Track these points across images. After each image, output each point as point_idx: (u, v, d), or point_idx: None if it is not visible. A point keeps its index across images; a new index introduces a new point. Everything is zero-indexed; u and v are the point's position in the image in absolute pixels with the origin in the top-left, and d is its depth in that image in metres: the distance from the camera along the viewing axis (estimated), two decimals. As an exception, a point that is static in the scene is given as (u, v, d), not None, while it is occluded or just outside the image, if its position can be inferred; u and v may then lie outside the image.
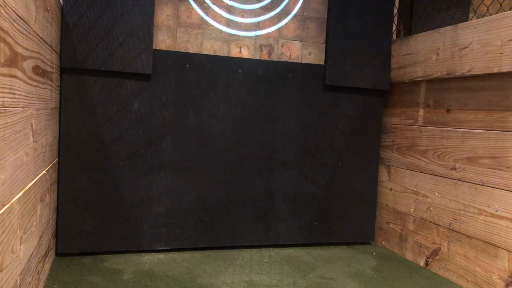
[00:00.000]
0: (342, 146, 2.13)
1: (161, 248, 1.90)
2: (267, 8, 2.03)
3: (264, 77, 1.99)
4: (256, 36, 2.03)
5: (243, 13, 2.00)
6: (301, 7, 2.07)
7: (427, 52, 1.91)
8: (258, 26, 2.02)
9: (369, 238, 2.21)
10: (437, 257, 1.83)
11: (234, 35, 2.00)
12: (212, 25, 1.96)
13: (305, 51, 2.09)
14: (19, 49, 0.99)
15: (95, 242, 1.82)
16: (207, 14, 1.95)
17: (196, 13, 1.94)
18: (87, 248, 1.80)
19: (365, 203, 2.19)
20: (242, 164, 2.00)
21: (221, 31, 1.98)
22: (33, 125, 1.20)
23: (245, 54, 2.01)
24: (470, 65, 1.68)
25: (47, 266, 1.56)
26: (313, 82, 2.06)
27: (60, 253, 1.77)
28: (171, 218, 1.91)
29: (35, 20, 1.16)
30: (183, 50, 1.93)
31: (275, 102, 2.02)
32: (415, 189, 1.98)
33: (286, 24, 2.06)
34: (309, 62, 2.09)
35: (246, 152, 2.00)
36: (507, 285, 1.51)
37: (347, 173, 2.14)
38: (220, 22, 1.97)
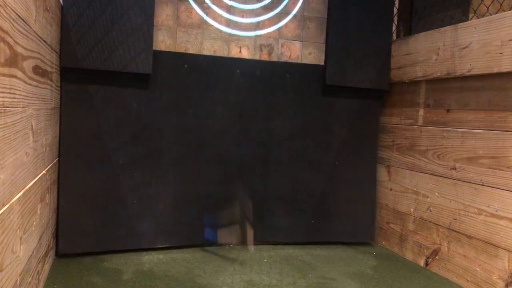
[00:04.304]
0: (341, 146, 2.13)
1: (160, 246, 1.91)
2: (267, 8, 2.03)
3: (263, 77, 1.99)
4: (256, 36, 2.03)
5: (243, 13, 2.00)
6: (301, 7, 2.07)
7: (427, 52, 1.90)
8: (258, 26, 2.02)
9: (369, 238, 2.21)
10: (437, 257, 1.83)
11: (234, 35, 2.00)
12: (212, 25, 1.96)
13: (305, 51, 2.09)
14: (19, 49, 0.99)
15: (95, 242, 1.82)
16: (207, 14, 1.95)
17: (196, 13, 1.94)
18: (88, 248, 1.81)
19: (363, 203, 2.19)
20: (241, 163, 2.00)
21: (221, 31, 1.98)
22: (33, 125, 1.20)
23: (245, 54, 2.01)
24: (470, 65, 1.68)
25: (47, 266, 1.56)
26: (312, 82, 2.06)
27: (61, 253, 1.77)
28: (170, 217, 1.92)
29: (35, 20, 1.16)
30: (183, 50, 1.93)
31: (274, 102, 2.02)
32: (415, 189, 1.98)
33: (286, 24, 2.05)
34: (309, 62, 2.09)
35: (245, 152, 2.00)
36: (507, 285, 1.51)
37: (345, 173, 2.14)
38: (220, 22, 1.97)
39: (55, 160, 1.69)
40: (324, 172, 2.11)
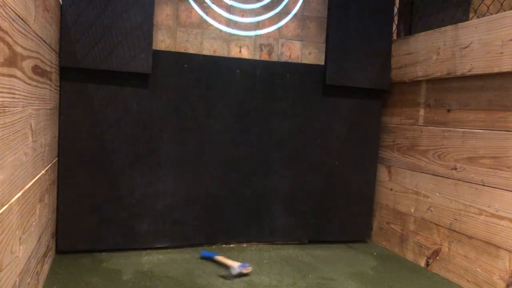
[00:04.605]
0: (341, 146, 2.12)
1: (160, 246, 1.91)
2: (267, 8, 2.02)
3: (263, 77, 1.99)
4: (256, 35, 2.02)
5: (243, 12, 2.00)
6: (301, 7, 2.06)
7: (427, 52, 1.90)
8: (258, 25, 2.02)
9: (366, 236, 2.23)
10: (437, 258, 1.83)
11: (234, 34, 1.99)
12: (212, 25, 1.96)
13: (305, 51, 2.09)
14: (18, 49, 0.98)
15: (95, 240, 1.82)
16: (207, 13, 1.95)
17: (196, 12, 1.93)
18: (88, 246, 1.81)
19: (361, 202, 2.19)
20: (240, 162, 1.99)
21: (221, 30, 1.97)
22: (32, 125, 1.19)
23: (245, 53, 2.01)
24: (471, 64, 1.67)
25: (46, 267, 1.55)
26: (312, 82, 2.06)
27: (61, 250, 1.77)
28: (170, 216, 1.91)
29: (34, 20, 1.16)
30: (183, 50, 1.92)
31: (274, 102, 2.01)
32: (415, 189, 1.97)
33: (286, 23, 2.05)
34: (309, 61, 2.09)
35: (244, 151, 2.00)
36: (507, 285, 1.51)
37: (345, 172, 2.14)
38: (220, 22, 1.97)
39: (55, 160, 1.69)
40: (323, 172, 2.11)
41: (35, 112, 1.22)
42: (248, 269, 1.69)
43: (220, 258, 1.79)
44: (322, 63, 2.09)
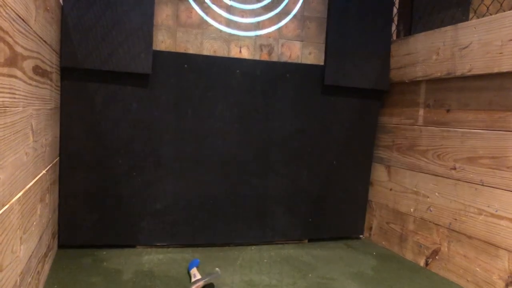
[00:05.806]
0: (340, 146, 2.13)
1: (158, 244, 1.92)
2: (267, 8, 2.03)
3: (262, 78, 1.99)
4: (256, 36, 2.02)
5: (243, 13, 2.00)
6: (301, 7, 2.06)
7: (427, 52, 1.90)
8: (258, 26, 2.02)
9: (360, 233, 2.28)
10: (437, 257, 1.83)
11: (234, 35, 1.99)
12: (212, 25, 1.96)
13: (305, 51, 2.09)
14: (18, 49, 0.99)
15: (96, 239, 1.84)
16: (207, 14, 1.95)
17: (196, 13, 1.94)
18: (89, 245, 1.83)
19: (356, 200, 2.22)
20: (239, 163, 2.00)
21: (221, 31, 1.97)
22: (33, 125, 1.20)
23: (245, 54, 2.01)
24: (470, 65, 1.68)
25: (47, 266, 1.55)
26: (312, 82, 2.06)
27: (61, 245, 1.80)
28: (169, 216, 1.92)
29: (35, 20, 1.16)
30: (183, 50, 1.93)
31: (273, 102, 2.02)
32: (415, 189, 1.97)
33: (286, 24, 2.05)
34: (309, 62, 2.09)
35: (244, 151, 2.00)
36: (507, 285, 1.51)
37: (342, 172, 2.15)
38: (220, 22, 1.97)
39: (55, 160, 1.69)
40: (322, 172, 2.11)
41: (35, 112, 1.23)
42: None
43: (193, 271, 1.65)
44: (323, 63, 2.09)
